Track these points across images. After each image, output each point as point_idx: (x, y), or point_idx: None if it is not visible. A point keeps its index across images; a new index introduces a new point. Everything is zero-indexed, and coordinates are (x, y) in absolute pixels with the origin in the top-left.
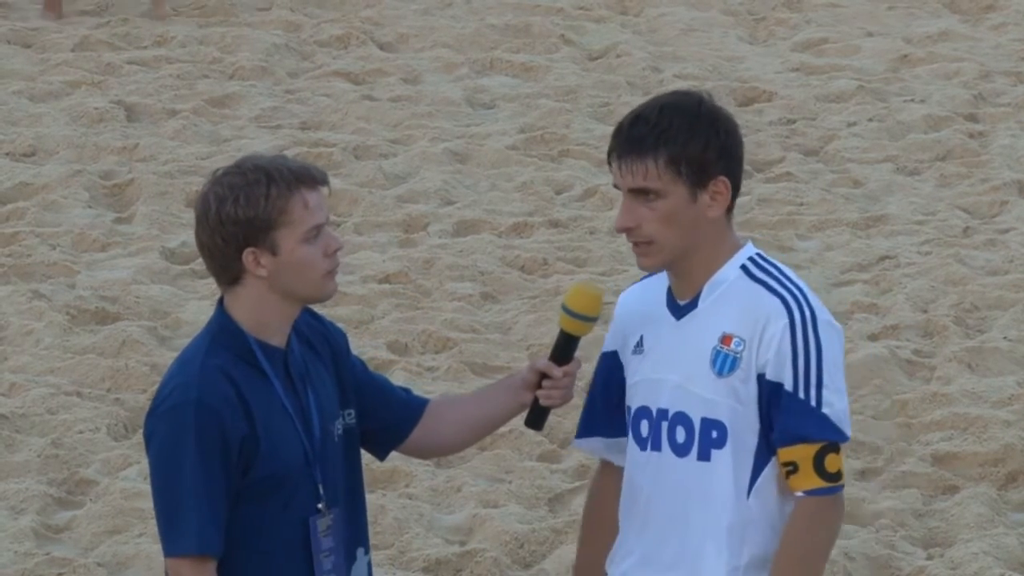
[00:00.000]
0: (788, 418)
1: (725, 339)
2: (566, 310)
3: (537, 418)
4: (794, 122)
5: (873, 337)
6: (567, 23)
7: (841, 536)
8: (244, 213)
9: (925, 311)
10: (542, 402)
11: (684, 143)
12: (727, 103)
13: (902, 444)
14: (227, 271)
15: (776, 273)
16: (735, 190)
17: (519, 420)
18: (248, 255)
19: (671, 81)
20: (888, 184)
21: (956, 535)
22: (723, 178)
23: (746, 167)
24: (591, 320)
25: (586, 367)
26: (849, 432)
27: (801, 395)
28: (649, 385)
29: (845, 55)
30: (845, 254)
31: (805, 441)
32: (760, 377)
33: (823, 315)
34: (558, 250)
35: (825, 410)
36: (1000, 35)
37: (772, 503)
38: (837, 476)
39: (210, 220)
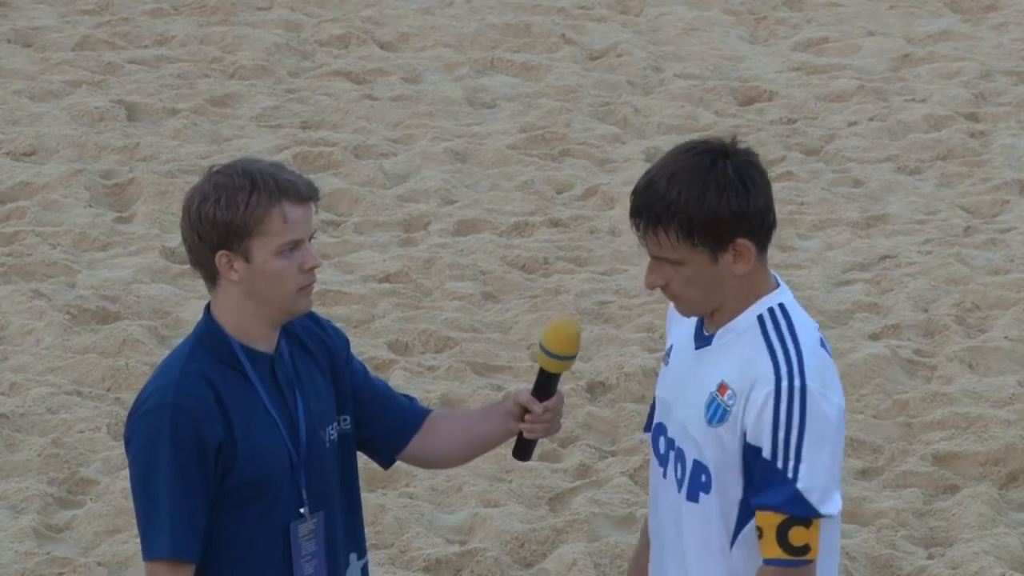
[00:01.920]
0: (760, 483)
1: (722, 388)
2: (543, 349)
3: (523, 450)
4: (795, 121)
5: (874, 337)
6: (568, 22)
7: (842, 536)
8: (222, 216)
9: (926, 311)
10: (525, 435)
11: (694, 213)
12: (728, 103)
13: (903, 444)
14: (203, 268)
15: (785, 330)
16: (764, 239)
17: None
18: (221, 257)
19: (672, 80)
20: (889, 184)
21: (957, 535)
22: (743, 240)
23: None
24: (569, 359)
25: (588, 367)
26: (829, 509)
27: (779, 464)
28: (663, 405)
29: (846, 54)
30: (846, 253)
31: (770, 509)
32: (743, 436)
33: (814, 385)
34: (559, 249)
35: (799, 484)
36: (1001, 34)
37: (758, 558)
38: (803, 550)
39: (191, 215)
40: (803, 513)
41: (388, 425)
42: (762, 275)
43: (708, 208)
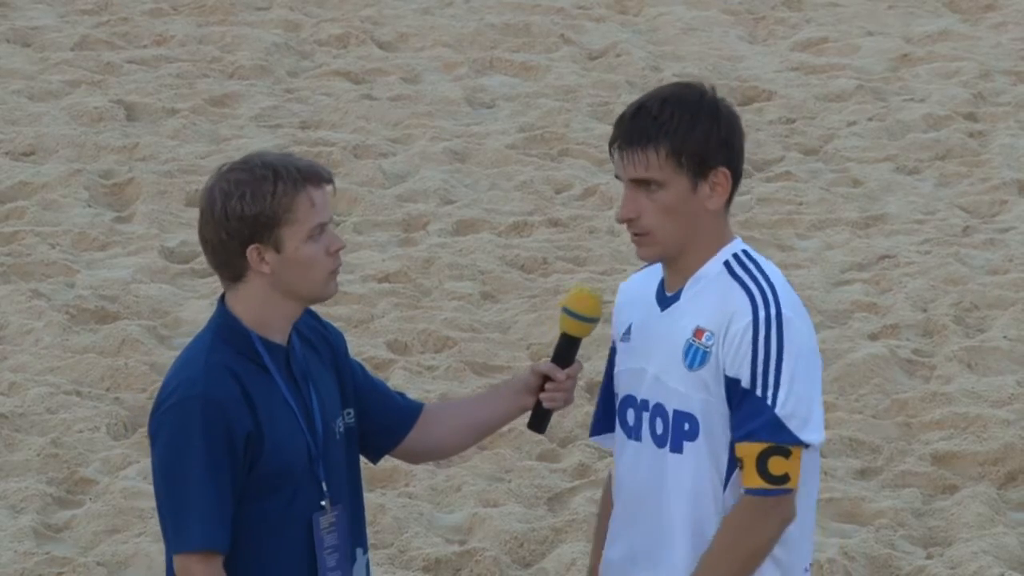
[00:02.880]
0: (740, 414)
1: (697, 332)
2: (567, 311)
3: (540, 421)
4: (794, 121)
5: (873, 336)
6: (567, 22)
7: (841, 536)
8: (250, 209)
9: (925, 310)
10: (545, 405)
11: (685, 134)
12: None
13: (902, 443)
14: (230, 267)
15: (754, 270)
16: (735, 182)
17: (519, 419)
18: (252, 251)
19: (671, 80)
20: (888, 183)
21: (956, 534)
22: (723, 169)
23: (746, 166)
24: (592, 321)
25: (587, 366)
26: (810, 437)
27: (758, 392)
28: (632, 374)
29: (845, 54)
30: (845, 253)
31: (750, 439)
32: (723, 371)
33: (790, 313)
34: (558, 249)
35: (778, 411)
36: (1000, 34)
37: None
38: (782, 479)
39: (215, 215)
40: (782, 440)
41: (385, 420)
42: (725, 223)
43: (700, 131)
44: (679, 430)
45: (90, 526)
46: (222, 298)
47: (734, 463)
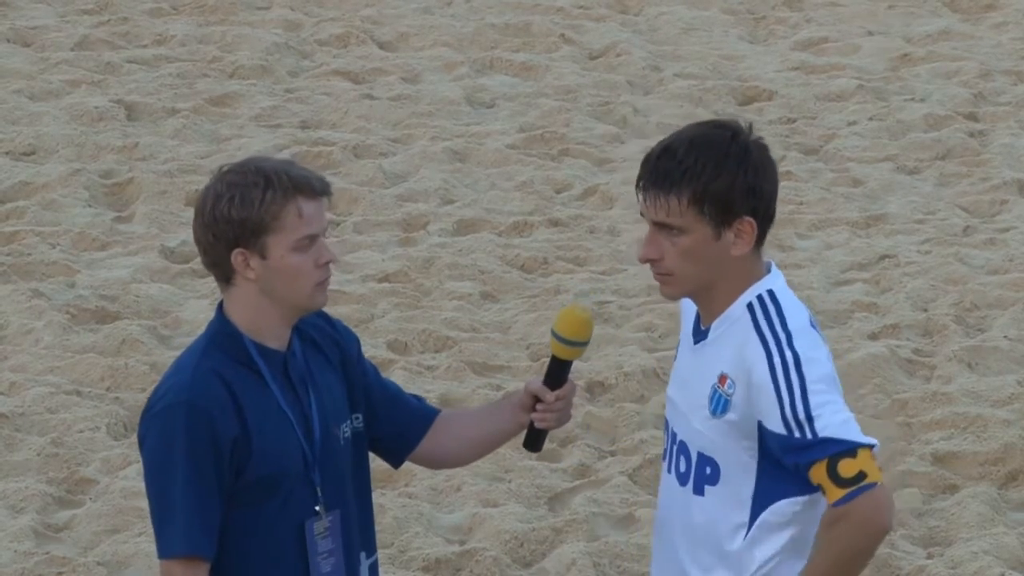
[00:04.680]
0: (794, 456)
1: (722, 379)
2: (556, 336)
3: (534, 441)
4: (794, 121)
5: (873, 336)
6: (567, 22)
7: None
8: (237, 213)
9: (925, 310)
10: (537, 425)
11: (709, 182)
12: (727, 102)
13: (902, 443)
14: (218, 268)
15: (773, 315)
16: (765, 226)
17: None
18: (237, 255)
19: (671, 80)
20: (888, 183)
21: (956, 534)
22: (748, 219)
23: None
24: (581, 345)
25: (587, 367)
26: (858, 437)
27: (796, 435)
28: (670, 403)
29: (845, 54)
30: (845, 253)
31: (810, 465)
32: (760, 424)
33: (803, 350)
34: (558, 249)
35: (821, 435)
36: (1000, 34)
37: (777, 547)
38: (858, 478)
39: (205, 216)
40: (839, 449)
41: (399, 425)
42: (756, 263)
43: (725, 178)
44: (701, 473)
45: (90, 526)
46: (221, 303)
47: (759, 510)
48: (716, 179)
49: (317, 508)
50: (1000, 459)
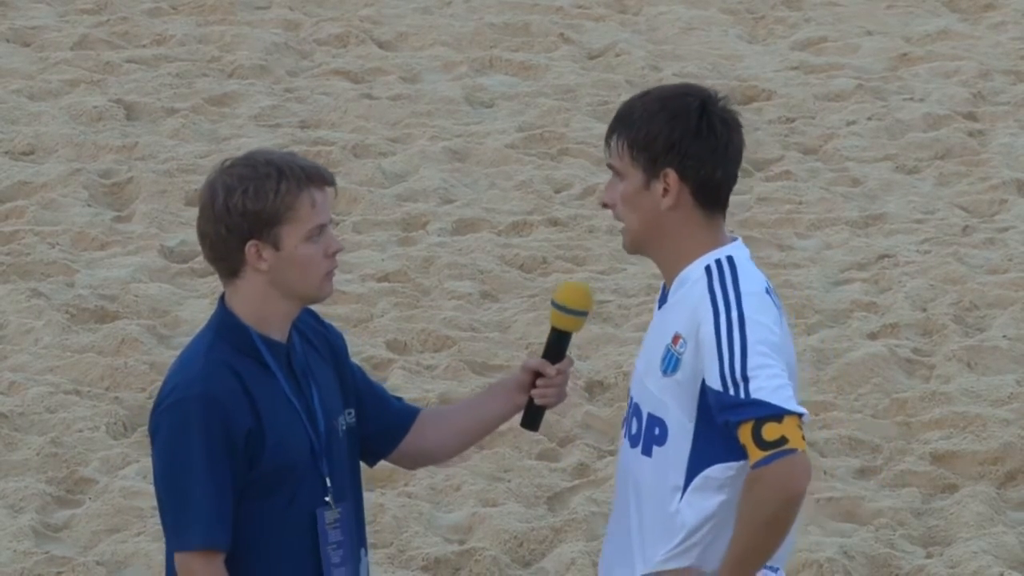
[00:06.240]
0: (726, 413)
1: (675, 338)
2: (556, 306)
3: (533, 419)
4: (793, 121)
5: (872, 336)
6: (566, 22)
7: (841, 535)
8: (252, 205)
9: (924, 310)
10: (537, 401)
11: (637, 129)
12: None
13: (901, 443)
14: (226, 262)
15: (728, 279)
16: (703, 191)
17: (519, 418)
18: (251, 247)
19: (670, 80)
20: (887, 183)
21: (955, 534)
22: (672, 172)
23: (745, 166)
24: (582, 314)
25: (587, 366)
26: (788, 404)
27: (731, 392)
28: (635, 370)
29: (844, 54)
30: (844, 253)
31: (739, 423)
32: (703, 383)
33: (751, 313)
34: (557, 249)
35: (754, 396)
36: (999, 34)
37: (708, 511)
38: (779, 443)
39: (216, 209)
40: (767, 412)
41: (383, 423)
42: (709, 230)
43: (652, 127)
44: (650, 433)
45: (89, 525)
46: (222, 297)
47: (694, 471)
48: (646, 127)
49: (327, 498)
50: (999, 459)
